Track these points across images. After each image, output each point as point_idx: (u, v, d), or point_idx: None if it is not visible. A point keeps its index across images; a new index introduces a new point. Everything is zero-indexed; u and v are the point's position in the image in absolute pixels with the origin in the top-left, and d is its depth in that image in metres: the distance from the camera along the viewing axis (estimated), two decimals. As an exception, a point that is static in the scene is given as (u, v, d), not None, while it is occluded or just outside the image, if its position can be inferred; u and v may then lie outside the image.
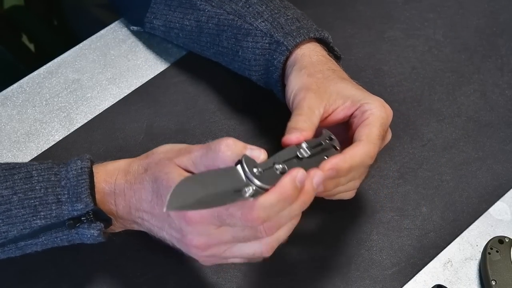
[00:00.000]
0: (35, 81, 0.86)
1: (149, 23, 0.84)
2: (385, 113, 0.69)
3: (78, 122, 0.83)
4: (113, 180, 0.66)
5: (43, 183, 0.64)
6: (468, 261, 0.75)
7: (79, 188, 0.64)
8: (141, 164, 0.65)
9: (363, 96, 0.70)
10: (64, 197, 0.64)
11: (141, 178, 0.64)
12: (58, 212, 0.64)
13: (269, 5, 0.78)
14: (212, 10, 0.79)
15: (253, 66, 0.77)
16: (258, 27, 0.76)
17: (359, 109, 0.69)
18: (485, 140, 0.83)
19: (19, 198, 0.64)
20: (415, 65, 0.89)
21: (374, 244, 0.76)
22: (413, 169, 0.81)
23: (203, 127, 0.83)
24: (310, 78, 0.71)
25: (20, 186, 0.64)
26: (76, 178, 0.64)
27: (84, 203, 0.63)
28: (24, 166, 0.66)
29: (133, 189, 0.65)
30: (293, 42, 0.74)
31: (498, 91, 0.87)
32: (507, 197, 0.79)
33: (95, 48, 0.89)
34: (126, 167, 0.66)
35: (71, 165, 0.65)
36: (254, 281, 0.73)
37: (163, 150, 0.65)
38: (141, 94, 0.85)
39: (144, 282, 0.72)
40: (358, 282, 0.73)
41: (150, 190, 0.63)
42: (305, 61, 0.73)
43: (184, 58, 0.87)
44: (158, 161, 0.63)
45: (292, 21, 0.76)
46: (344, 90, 0.70)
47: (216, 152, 0.59)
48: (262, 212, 0.57)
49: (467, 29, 0.92)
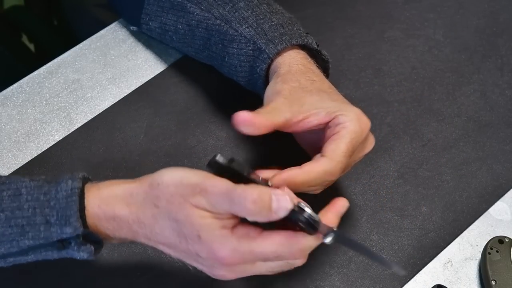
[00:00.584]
0: (35, 81, 0.86)
1: (145, 24, 0.84)
2: (359, 127, 0.67)
3: (78, 122, 0.83)
4: (110, 209, 0.63)
5: (32, 202, 0.62)
6: (468, 261, 0.75)
7: (68, 211, 0.61)
8: (147, 197, 0.62)
9: (339, 108, 0.68)
10: (53, 218, 0.61)
11: (151, 213, 0.62)
12: (46, 234, 0.62)
13: (255, 10, 0.77)
14: (201, 14, 0.78)
15: (239, 72, 0.77)
16: (243, 33, 0.76)
17: (333, 120, 0.68)
18: (485, 140, 0.83)
19: (6, 216, 0.62)
20: (415, 65, 0.89)
21: (374, 244, 0.76)
22: (413, 169, 0.81)
23: (203, 127, 0.83)
24: (283, 85, 0.70)
25: (7, 203, 0.62)
26: (65, 200, 0.61)
27: (73, 227, 0.61)
28: (14, 183, 0.63)
29: (142, 223, 0.63)
30: (274, 50, 0.73)
31: (498, 91, 0.87)
32: (507, 197, 0.79)
33: (95, 48, 0.89)
34: (126, 196, 0.63)
35: (61, 184, 0.62)
36: (254, 281, 0.73)
37: (171, 182, 0.61)
38: (141, 94, 0.85)
39: (144, 282, 0.72)
40: (358, 282, 0.73)
41: (171, 230, 0.62)
42: (283, 69, 0.72)
43: (184, 58, 0.87)
44: (169, 197, 0.61)
45: (276, 28, 0.75)
46: (318, 102, 0.69)
47: (240, 205, 0.59)
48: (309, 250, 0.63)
49: (467, 29, 0.92)
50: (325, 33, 0.91)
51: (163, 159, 0.80)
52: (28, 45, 1.23)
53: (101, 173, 0.79)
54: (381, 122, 0.84)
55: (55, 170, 0.79)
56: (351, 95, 0.85)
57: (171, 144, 0.82)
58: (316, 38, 0.89)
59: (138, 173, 0.79)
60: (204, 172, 0.62)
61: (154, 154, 0.81)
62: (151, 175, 0.63)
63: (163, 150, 0.81)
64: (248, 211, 0.59)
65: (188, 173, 0.62)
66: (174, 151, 0.81)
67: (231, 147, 0.82)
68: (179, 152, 0.81)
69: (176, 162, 0.80)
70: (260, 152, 0.81)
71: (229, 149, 0.81)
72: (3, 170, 0.79)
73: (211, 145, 0.82)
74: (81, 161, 0.80)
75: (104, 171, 0.80)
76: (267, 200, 0.59)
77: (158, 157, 0.81)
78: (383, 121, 0.84)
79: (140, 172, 0.79)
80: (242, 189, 0.59)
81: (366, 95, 0.86)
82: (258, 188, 0.60)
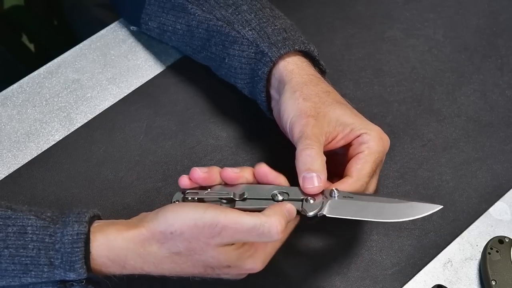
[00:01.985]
0: (35, 81, 0.86)
1: (144, 24, 0.84)
2: (382, 146, 0.70)
3: (78, 122, 0.83)
4: (121, 260, 0.63)
5: (37, 243, 0.62)
6: (468, 261, 0.75)
7: (73, 257, 0.62)
8: (162, 246, 0.62)
9: (363, 125, 0.70)
10: (57, 261, 0.62)
11: (171, 260, 0.63)
12: (49, 275, 0.62)
13: (258, 14, 0.77)
14: (202, 15, 0.78)
15: (238, 74, 0.77)
16: (245, 36, 0.76)
17: (357, 138, 0.70)
18: (485, 140, 0.83)
19: (10, 253, 0.62)
20: (415, 65, 0.89)
21: (374, 244, 0.76)
22: (413, 169, 0.81)
23: (203, 127, 0.83)
24: (306, 103, 0.70)
25: (12, 240, 0.62)
26: (71, 245, 0.62)
27: (78, 273, 0.62)
28: (20, 218, 0.63)
29: (161, 268, 0.64)
30: (277, 54, 0.74)
31: (498, 91, 0.87)
32: (507, 197, 0.79)
33: (95, 48, 0.89)
34: (137, 247, 0.62)
35: (67, 228, 0.62)
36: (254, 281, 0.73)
37: (186, 228, 0.61)
38: (141, 94, 0.85)
39: (144, 282, 0.72)
40: (358, 282, 0.73)
41: (195, 268, 0.64)
42: (296, 80, 0.72)
43: (184, 58, 0.87)
44: (188, 244, 0.61)
45: (279, 32, 0.76)
46: (343, 117, 0.70)
47: (269, 237, 0.61)
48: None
49: (467, 29, 0.92)
50: (325, 33, 0.91)
51: (163, 159, 0.80)
52: (28, 45, 1.23)
53: (101, 173, 0.79)
54: (381, 122, 0.84)
55: (55, 170, 0.79)
56: (351, 95, 0.85)
57: (171, 144, 0.82)
58: (316, 38, 0.89)
59: (138, 173, 0.79)
60: (209, 206, 0.63)
61: (154, 154, 0.81)
62: (156, 219, 0.63)
63: (163, 150, 0.81)
64: (274, 239, 0.62)
65: (197, 212, 0.61)
66: (174, 151, 0.81)
67: (231, 147, 0.82)
68: (179, 152, 0.81)
69: (176, 162, 0.80)
70: (260, 152, 0.81)
71: (229, 149, 0.81)
72: (3, 170, 0.79)
73: (211, 145, 0.82)
74: (81, 161, 0.80)
75: (104, 171, 0.80)
76: (287, 221, 0.63)
77: (158, 157, 0.81)
78: (383, 121, 0.84)
79: (140, 172, 0.79)
80: (269, 224, 0.61)
81: (366, 95, 0.86)
82: (279, 214, 0.62)
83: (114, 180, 0.79)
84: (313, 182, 0.65)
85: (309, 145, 0.67)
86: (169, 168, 0.80)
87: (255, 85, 0.76)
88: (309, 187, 0.65)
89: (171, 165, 0.80)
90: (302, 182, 0.66)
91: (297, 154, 0.67)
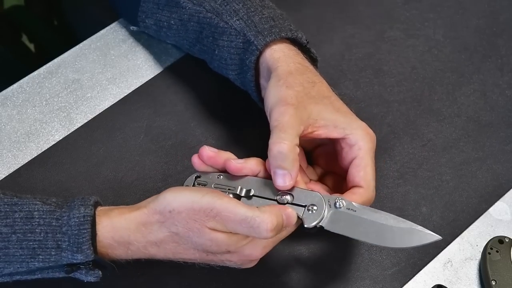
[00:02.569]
0: (35, 81, 0.86)
1: (142, 22, 0.84)
2: (371, 142, 0.70)
3: (78, 122, 0.83)
4: (125, 240, 0.65)
5: (44, 227, 0.63)
6: (468, 261, 0.75)
7: (80, 238, 0.63)
8: (162, 225, 0.64)
9: (346, 124, 0.70)
10: (65, 244, 0.63)
11: (172, 239, 0.64)
12: (57, 258, 0.63)
13: (247, 3, 0.77)
14: (193, 8, 0.78)
15: (229, 65, 0.77)
16: (233, 26, 0.75)
17: (345, 141, 0.70)
18: (485, 140, 0.83)
19: (18, 238, 0.63)
20: (415, 65, 0.89)
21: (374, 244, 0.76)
22: (413, 169, 0.81)
23: (203, 127, 0.83)
24: (288, 91, 0.70)
25: (20, 226, 0.63)
26: (78, 227, 0.63)
27: (85, 254, 0.63)
28: (26, 204, 0.64)
29: (163, 247, 0.65)
30: (263, 42, 0.73)
31: (498, 91, 0.87)
32: (507, 197, 0.79)
33: (95, 48, 0.89)
34: (139, 226, 0.64)
35: (73, 211, 0.64)
36: (254, 281, 0.73)
37: (183, 209, 0.63)
38: (141, 94, 0.85)
39: (144, 282, 0.72)
40: (358, 282, 0.73)
41: (195, 250, 0.65)
42: (282, 68, 0.72)
43: (184, 58, 0.87)
44: (185, 224, 0.63)
45: (266, 20, 0.75)
46: (324, 112, 0.70)
47: (258, 233, 0.62)
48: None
49: (467, 29, 0.92)
50: (325, 33, 0.91)
51: (163, 159, 0.80)
52: (28, 45, 1.23)
53: (101, 173, 0.79)
54: (381, 122, 0.84)
55: (55, 170, 0.79)
56: (351, 95, 0.85)
57: (171, 144, 0.82)
58: (316, 38, 0.89)
59: (138, 173, 0.79)
60: (209, 191, 0.64)
61: (154, 154, 0.81)
62: (156, 200, 0.65)
63: (163, 150, 0.81)
64: (263, 236, 0.62)
65: (195, 195, 0.63)
66: (174, 151, 0.81)
67: (231, 147, 0.82)
68: (179, 152, 0.81)
69: (176, 162, 0.80)
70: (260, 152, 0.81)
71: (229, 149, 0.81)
72: (3, 170, 0.79)
73: (211, 145, 0.81)
74: (81, 161, 0.80)
75: (104, 171, 0.80)
76: (281, 223, 0.63)
77: (158, 157, 0.81)
78: (383, 121, 0.84)
79: (140, 172, 0.79)
80: (261, 219, 0.61)
81: (366, 95, 0.86)
82: (274, 213, 0.62)
83: (114, 180, 0.79)
84: (284, 180, 0.66)
85: (281, 139, 0.66)
86: (169, 168, 0.80)
87: (245, 75, 0.76)
88: (279, 185, 0.66)
89: (171, 165, 0.80)
90: (274, 177, 0.66)
91: (270, 146, 0.67)
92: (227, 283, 0.73)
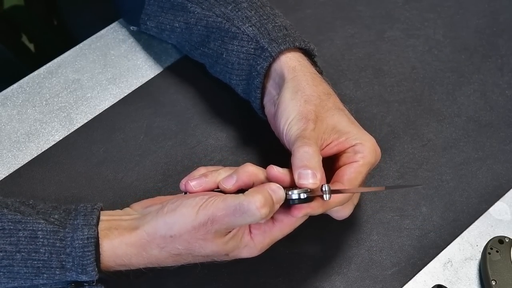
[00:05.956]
0: (35, 81, 0.86)
1: (143, 24, 0.84)
2: (374, 158, 0.70)
3: (78, 122, 0.83)
4: (126, 262, 0.65)
5: (48, 247, 0.63)
6: (468, 261, 0.75)
7: (84, 260, 0.63)
8: (163, 249, 0.65)
9: (359, 135, 0.70)
10: (69, 264, 0.63)
11: (173, 260, 0.66)
12: (61, 277, 0.64)
13: (259, 11, 0.77)
14: (201, 13, 0.78)
15: (235, 70, 0.77)
16: (245, 32, 0.76)
17: (352, 147, 0.70)
18: (485, 140, 0.83)
19: (23, 256, 0.63)
20: (415, 65, 0.89)
21: (374, 244, 0.76)
22: (413, 169, 0.81)
23: (203, 127, 0.83)
24: (308, 106, 0.70)
25: (24, 245, 0.63)
26: (82, 249, 0.63)
27: (90, 275, 0.64)
28: (30, 223, 0.64)
29: (163, 263, 0.66)
30: (277, 49, 0.73)
31: (498, 91, 0.87)
32: (507, 197, 0.79)
33: (95, 48, 0.89)
34: (141, 252, 0.65)
35: (77, 232, 0.64)
36: (254, 281, 0.73)
37: (184, 231, 0.63)
38: (141, 94, 0.85)
39: (144, 282, 0.72)
40: (358, 282, 0.73)
41: (196, 259, 0.66)
42: (298, 79, 0.72)
43: (184, 58, 0.87)
44: (188, 245, 0.64)
45: (279, 28, 0.76)
46: (339, 124, 0.70)
47: (251, 215, 0.62)
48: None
49: (467, 29, 0.92)
50: (325, 33, 0.91)
51: (163, 159, 0.80)
52: (28, 45, 1.23)
53: (101, 173, 0.79)
54: (381, 122, 0.84)
55: (55, 170, 0.79)
56: (351, 95, 0.86)
57: (171, 144, 0.82)
58: (316, 38, 0.89)
59: (138, 173, 0.79)
60: (201, 201, 0.64)
61: (154, 154, 0.81)
62: (155, 223, 0.64)
63: (163, 150, 0.81)
64: (256, 216, 0.62)
65: (191, 212, 0.63)
66: (174, 151, 0.81)
67: (231, 147, 0.82)
68: (179, 152, 0.81)
69: (176, 162, 0.80)
70: (260, 152, 0.81)
71: (229, 149, 0.82)
72: (3, 170, 0.79)
73: (211, 145, 0.82)
74: (81, 161, 0.80)
75: (104, 171, 0.80)
76: (269, 198, 0.62)
77: (158, 157, 0.81)
78: (383, 121, 0.84)
79: (140, 172, 0.79)
80: (247, 201, 0.61)
81: (366, 95, 0.86)
82: (258, 192, 0.62)
83: (114, 180, 0.79)
84: (308, 179, 0.64)
85: (306, 143, 0.66)
86: (169, 168, 0.80)
87: (251, 81, 0.76)
88: (304, 183, 0.64)
89: (171, 165, 0.80)
90: (298, 178, 0.64)
91: (294, 151, 0.66)
92: (227, 283, 0.73)
